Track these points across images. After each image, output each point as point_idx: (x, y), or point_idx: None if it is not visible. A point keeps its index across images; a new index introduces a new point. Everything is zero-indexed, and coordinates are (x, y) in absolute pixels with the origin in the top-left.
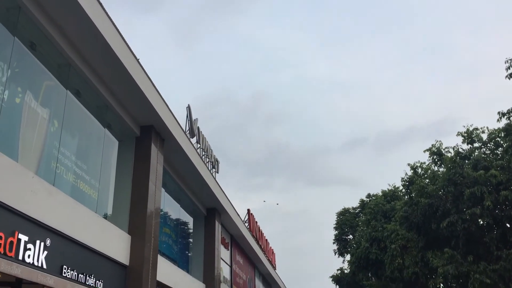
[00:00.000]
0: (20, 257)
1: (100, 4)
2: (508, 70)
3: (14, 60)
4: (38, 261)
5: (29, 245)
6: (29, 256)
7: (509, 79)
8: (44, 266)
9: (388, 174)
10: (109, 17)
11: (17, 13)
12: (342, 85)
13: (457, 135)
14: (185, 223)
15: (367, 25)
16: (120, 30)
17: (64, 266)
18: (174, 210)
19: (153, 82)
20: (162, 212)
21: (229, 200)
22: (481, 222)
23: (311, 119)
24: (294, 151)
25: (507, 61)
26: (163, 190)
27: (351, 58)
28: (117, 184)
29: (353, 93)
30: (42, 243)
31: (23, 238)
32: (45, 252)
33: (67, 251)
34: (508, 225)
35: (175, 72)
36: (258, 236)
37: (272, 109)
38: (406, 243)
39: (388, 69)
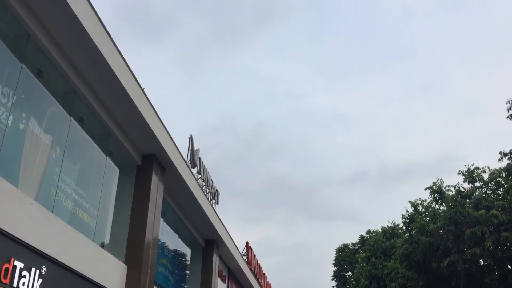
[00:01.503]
0: (15, 285)
1: (108, 33)
2: (509, 111)
3: (20, 86)
4: None
5: (24, 273)
6: (23, 283)
7: (511, 119)
8: None
9: (388, 210)
10: (116, 46)
11: (25, 40)
12: (343, 118)
13: (458, 173)
14: (183, 254)
15: (368, 60)
16: (126, 59)
17: None
18: (172, 240)
19: (157, 111)
20: (160, 243)
21: (228, 232)
22: (482, 263)
23: (311, 151)
24: (294, 183)
25: (508, 101)
26: (161, 220)
27: (352, 92)
28: (116, 212)
29: (354, 127)
30: (38, 271)
31: (19, 265)
32: (40, 280)
33: (62, 279)
34: (509, 267)
35: (177, 102)
36: (256, 269)
37: (273, 140)
38: (406, 282)
39: (389, 105)
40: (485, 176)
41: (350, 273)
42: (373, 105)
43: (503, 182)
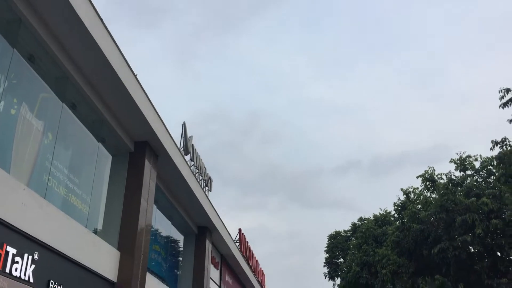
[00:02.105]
0: (8, 270)
1: (100, 19)
2: (502, 99)
3: (12, 72)
4: (25, 274)
5: (17, 258)
6: (16, 269)
7: (503, 108)
8: (31, 280)
9: (381, 198)
10: (109, 32)
11: (17, 25)
12: (338, 108)
13: (450, 162)
14: (176, 241)
15: (364, 50)
16: (119, 45)
17: (51, 281)
18: (165, 227)
19: (149, 98)
20: (153, 229)
21: (220, 219)
22: (472, 250)
23: (306, 140)
24: (288, 172)
25: (501, 90)
26: (154, 207)
27: (347, 82)
28: (109, 199)
29: (348, 117)
30: (30, 257)
31: (11, 250)
32: (33, 266)
33: (55, 265)
34: (498, 254)
35: (171, 89)
36: (249, 256)
37: (267, 129)
38: (397, 269)
39: (383, 94)
40: (477, 165)
41: (342, 260)
42: (368, 95)
43: (494, 171)
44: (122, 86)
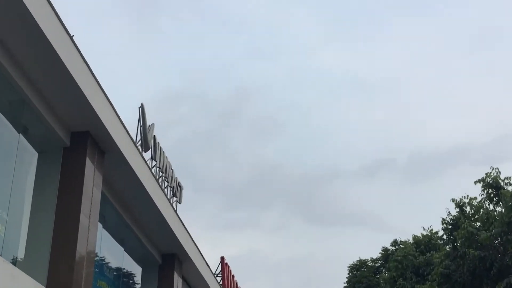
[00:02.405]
0: None
1: None
2: None
3: None
4: None
5: None
6: None
7: None
8: None
9: (423, 213)
10: None
11: None
12: (360, 85)
13: None
14: (130, 275)
15: (397, 3)
16: None
17: None
18: (115, 255)
19: (92, 70)
20: (98, 258)
21: (195, 243)
22: None
23: (314, 130)
24: (290, 174)
25: None
26: (100, 226)
27: (374, 49)
28: (34, 215)
29: (375, 97)
30: None
31: None
32: None
33: None
34: None
35: (124, 58)
36: None
37: (260, 114)
38: None
39: (425, 66)
40: None
41: None
42: (402, 66)
43: None
44: (52, 50)
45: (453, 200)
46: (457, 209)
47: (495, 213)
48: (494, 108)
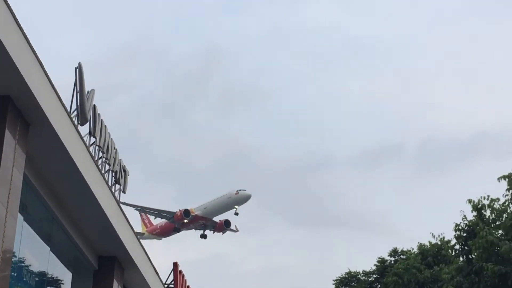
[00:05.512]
0: None
1: None
2: None
3: None
4: None
5: None
6: None
7: None
8: None
9: (432, 215)
10: None
11: None
12: (364, 50)
13: None
14: (57, 281)
15: None
16: None
17: None
18: (39, 255)
19: (16, 15)
20: (16, 259)
21: (141, 244)
22: None
23: (303, 105)
24: (268, 160)
25: None
26: (20, 218)
27: (383, 9)
28: None
29: (382, 65)
30: None
31: None
32: None
33: None
34: None
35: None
36: None
37: (234, 82)
38: None
39: (444, 31)
40: None
41: None
42: (418, 31)
43: None
44: None
45: (470, 201)
46: (475, 213)
47: None
48: None
